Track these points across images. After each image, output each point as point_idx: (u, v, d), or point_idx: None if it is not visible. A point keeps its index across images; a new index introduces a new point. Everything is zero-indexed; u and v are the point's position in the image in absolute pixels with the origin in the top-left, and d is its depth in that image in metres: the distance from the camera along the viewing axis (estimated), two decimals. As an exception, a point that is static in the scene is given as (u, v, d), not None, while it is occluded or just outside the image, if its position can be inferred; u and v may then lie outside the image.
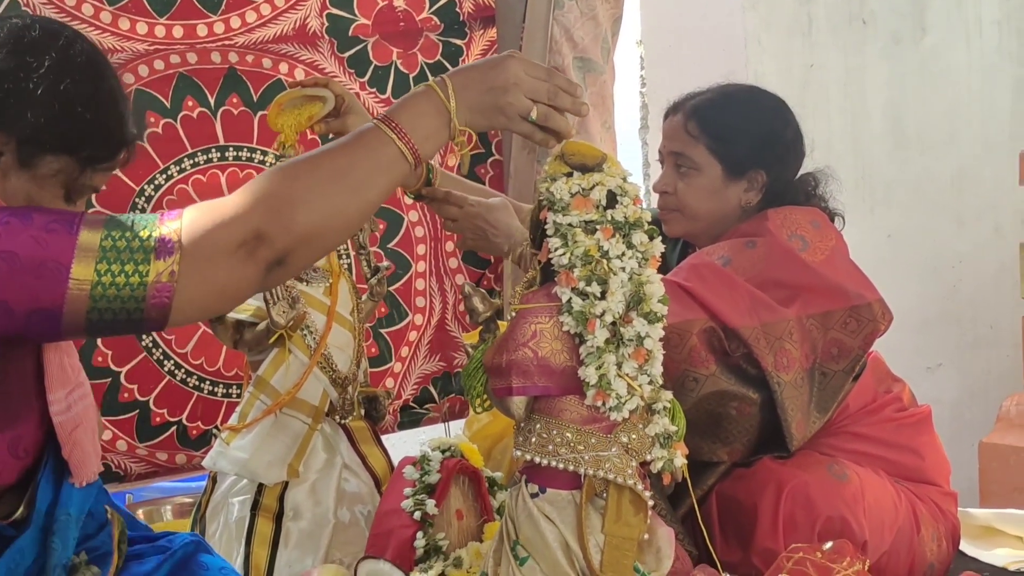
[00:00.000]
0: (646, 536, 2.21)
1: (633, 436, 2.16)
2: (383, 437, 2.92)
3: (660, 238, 2.22)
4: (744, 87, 3.08)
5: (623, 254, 2.16)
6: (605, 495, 2.16)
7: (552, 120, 1.98)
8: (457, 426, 3.36)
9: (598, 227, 2.15)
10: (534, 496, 2.18)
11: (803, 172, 2.98)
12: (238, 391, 3.21)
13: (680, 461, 2.20)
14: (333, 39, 3.41)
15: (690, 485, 2.35)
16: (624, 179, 2.21)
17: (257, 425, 2.65)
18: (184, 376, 3.22)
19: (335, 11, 3.40)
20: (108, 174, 1.86)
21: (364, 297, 2.88)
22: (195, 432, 3.26)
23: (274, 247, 1.72)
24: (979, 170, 5.10)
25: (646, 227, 2.20)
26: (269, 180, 1.75)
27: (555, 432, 2.15)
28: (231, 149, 3.28)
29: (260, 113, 3.27)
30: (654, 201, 3.05)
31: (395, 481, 2.62)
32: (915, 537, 2.78)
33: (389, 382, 3.53)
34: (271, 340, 2.64)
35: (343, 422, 2.77)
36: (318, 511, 2.67)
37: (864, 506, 2.68)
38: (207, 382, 3.26)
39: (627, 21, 3.93)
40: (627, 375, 2.14)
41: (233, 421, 2.70)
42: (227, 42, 3.26)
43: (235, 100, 3.28)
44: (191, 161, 3.22)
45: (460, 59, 3.62)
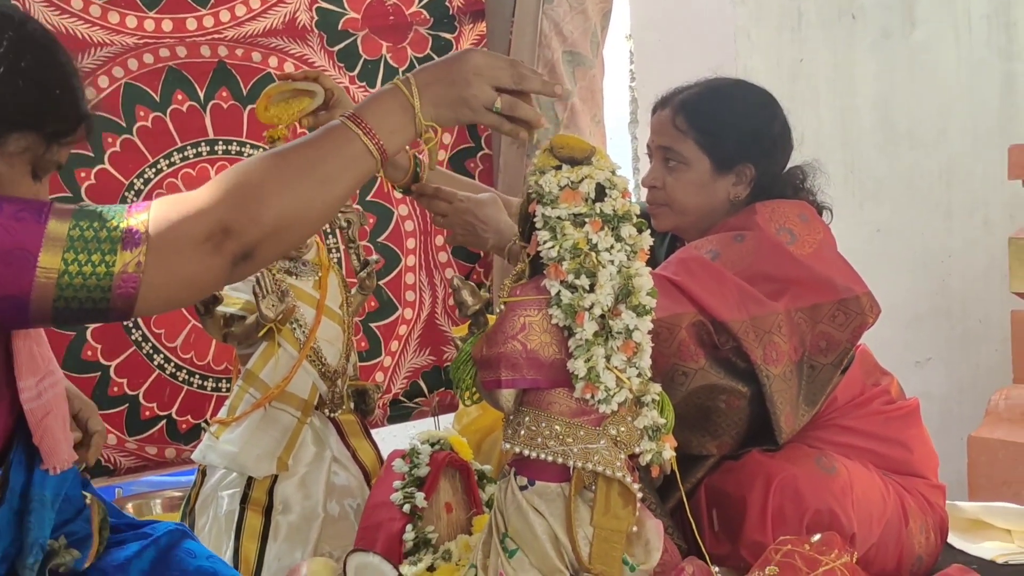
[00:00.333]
0: (635, 529, 2.22)
1: (622, 429, 2.17)
2: (372, 431, 2.92)
3: (649, 231, 2.23)
4: (732, 81, 3.08)
5: (612, 247, 2.17)
6: (594, 488, 2.17)
7: (518, 109, 2.00)
8: (447, 420, 3.37)
9: (587, 220, 2.16)
10: (523, 489, 2.18)
11: (791, 166, 2.99)
12: (227, 385, 3.21)
13: (669, 454, 2.20)
14: (323, 33, 3.41)
15: (679, 478, 2.36)
16: (613, 172, 2.21)
17: (246, 419, 2.66)
18: (174, 370, 3.22)
19: (325, 5, 3.40)
20: (70, 149, 1.87)
21: (354, 291, 2.88)
22: (185, 426, 3.26)
23: (241, 240, 1.74)
24: (968, 165, 5.10)
25: (635, 220, 2.20)
26: (236, 174, 1.77)
27: (544, 425, 2.15)
28: (220, 143, 3.28)
29: (250, 107, 3.27)
30: (643, 195, 3.05)
31: (384, 474, 2.62)
32: (903, 530, 2.79)
33: (379, 376, 3.53)
34: (260, 334, 2.64)
35: (332, 416, 2.77)
36: (307, 504, 2.68)
37: (852, 499, 2.68)
38: (197, 376, 3.26)
39: (616, 15, 3.93)
40: (616, 368, 2.14)
41: (222, 415, 2.70)
42: (216, 36, 3.26)
43: (225, 94, 3.27)
44: (180, 155, 3.22)
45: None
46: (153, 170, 3.17)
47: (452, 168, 3.62)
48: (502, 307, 2.20)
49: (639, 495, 2.20)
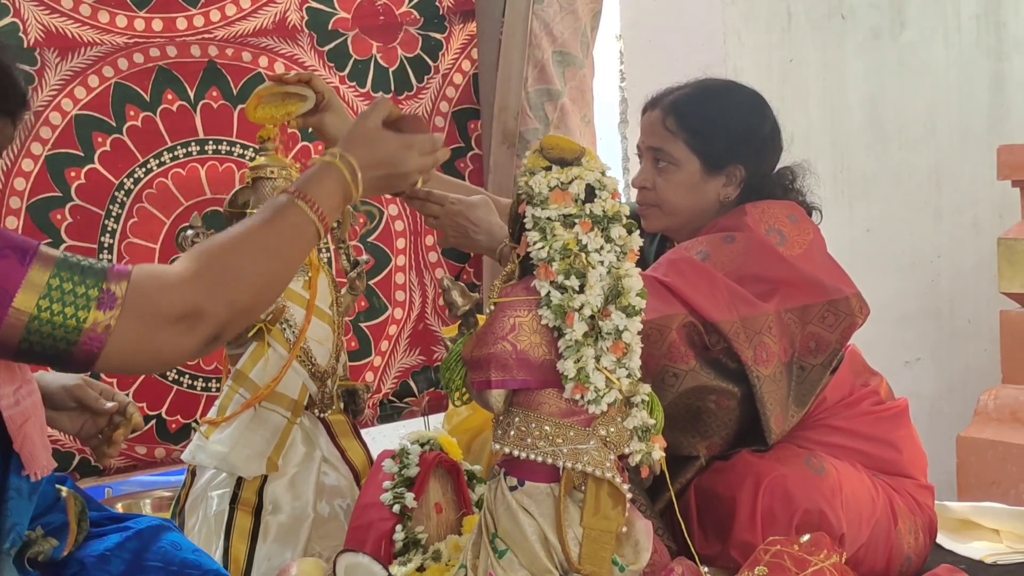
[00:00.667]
0: (624, 529, 2.22)
1: (611, 429, 2.17)
2: (362, 431, 2.92)
3: (638, 232, 2.23)
4: (722, 82, 3.09)
5: (602, 248, 2.17)
6: (584, 488, 2.17)
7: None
8: (437, 420, 3.37)
9: (577, 221, 2.16)
10: (513, 489, 2.18)
11: (781, 166, 2.99)
12: (217, 385, 3.21)
13: (658, 454, 2.21)
14: (313, 33, 3.41)
15: (668, 478, 2.37)
16: (603, 173, 2.22)
17: (236, 419, 2.65)
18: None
19: (315, 5, 3.40)
20: (20, 124, 1.91)
21: (344, 291, 2.88)
22: (174, 426, 3.26)
23: (214, 323, 1.81)
24: (957, 165, 5.11)
25: (624, 221, 2.21)
26: (212, 257, 1.84)
27: (533, 425, 2.16)
28: (211, 143, 3.27)
29: (240, 107, 3.26)
30: (633, 196, 3.05)
31: (374, 475, 2.62)
32: (892, 530, 2.79)
33: (369, 376, 3.53)
34: (250, 334, 2.63)
35: (322, 416, 2.77)
36: (297, 505, 2.67)
37: (842, 499, 2.69)
38: (186, 376, 3.26)
39: (607, 15, 3.93)
40: (605, 368, 2.15)
41: (212, 415, 2.70)
42: (207, 35, 3.26)
43: (215, 94, 3.27)
44: (170, 155, 3.22)
45: (440, 53, 3.62)
46: (143, 170, 3.17)
47: (442, 168, 3.61)
48: (492, 308, 2.20)
49: (629, 496, 2.20)
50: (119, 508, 3.14)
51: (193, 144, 3.25)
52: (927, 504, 2.92)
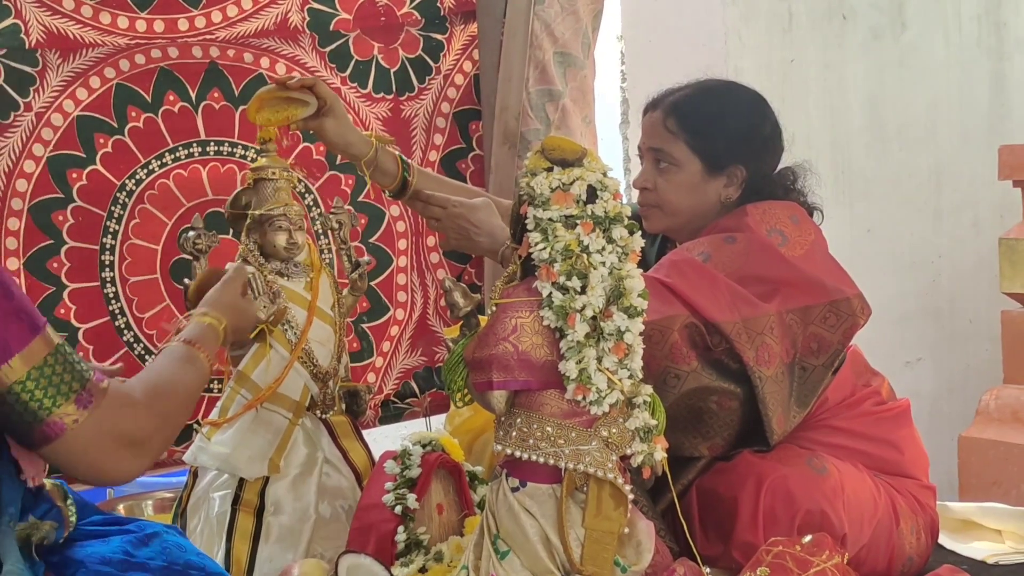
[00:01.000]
0: (626, 530, 2.22)
1: (613, 430, 2.17)
2: (364, 432, 2.92)
3: (640, 233, 2.23)
4: (723, 82, 3.09)
5: (603, 249, 2.17)
6: (585, 489, 2.17)
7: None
8: (438, 421, 3.37)
9: (578, 222, 2.17)
10: (514, 490, 2.19)
11: (782, 167, 2.99)
12: (219, 386, 3.20)
13: (660, 455, 2.21)
14: (314, 34, 3.41)
15: (670, 479, 2.36)
16: (604, 174, 2.22)
17: (238, 420, 2.65)
18: (165, 371, 3.22)
19: (316, 5, 3.40)
20: None
21: (345, 292, 2.88)
22: (176, 427, 3.25)
23: (152, 455, 1.96)
24: (958, 165, 5.11)
25: (626, 222, 2.21)
26: (161, 397, 2.01)
27: (535, 426, 2.16)
28: (212, 144, 3.27)
29: (241, 108, 3.26)
30: (634, 196, 3.05)
31: (376, 476, 2.62)
32: (894, 530, 2.79)
33: (370, 377, 3.53)
34: (252, 335, 2.63)
35: (324, 417, 2.77)
36: (299, 506, 2.67)
37: (843, 500, 2.69)
38: (188, 377, 3.26)
39: (608, 16, 3.93)
40: (607, 369, 2.15)
41: (214, 416, 2.70)
42: (208, 36, 3.26)
43: (216, 95, 3.27)
44: (172, 156, 3.22)
45: (441, 54, 3.62)
46: (145, 171, 3.17)
47: (443, 169, 3.62)
48: (494, 309, 2.20)
49: (630, 496, 2.20)
50: (120, 509, 3.15)
51: (195, 145, 3.25)
52: (929, 504, 2.92)
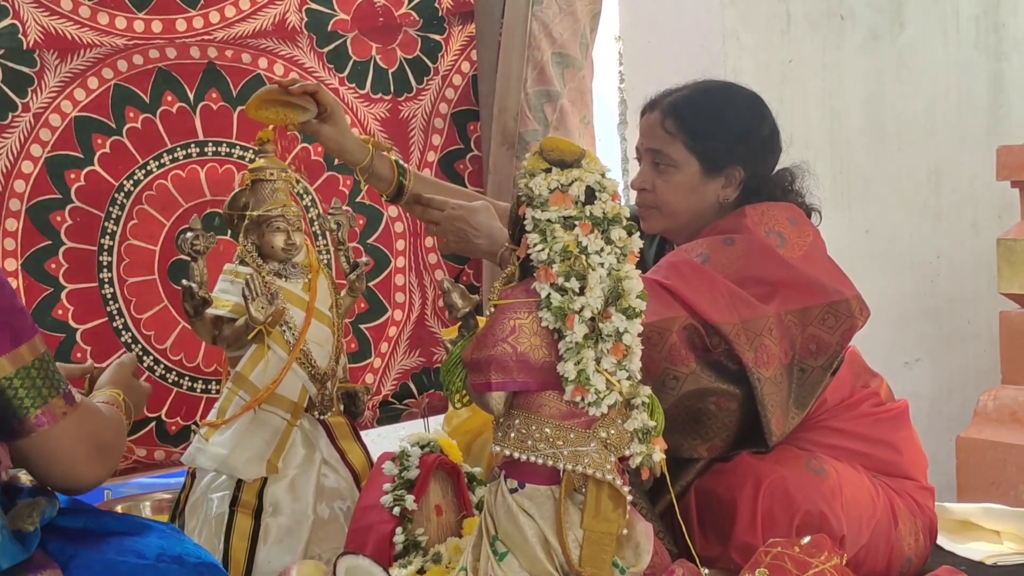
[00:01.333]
0: (625, 531, 2.22)
1: (612, 431, 2.17)
2: (362, 433, 2.91)
3: (638, 234, 2.23)
4: (721, 83, 3.09)
5: (602, 250, 2.17)
6: (584, 490, 2.17)
7: None
8: (436, 422, 3.36)
9: (577, 223, 2.16)
10: (513, 491, 2.18)
11: (780, 167, 2.99)
12: (217, 387, 3.21)
13: (659, 456, 2.21)
14: (312, 34, 3.40)
15: (669, 481, 2.36)
16: (603, 175, 2.22)
17: (236, 421, 2.65)
18: (163, 372, 3.22)
19: (314, 6, 3.40)
20: None
21: (343, 293, 2.88)
22: (174, 428, 3.25)
23: (109, 469, 2.06)
24: (956, 165, 5.12)
25: (624, 223, 2.20)
26: (119, 420, 2.22)
27: (534, 427, 2.16)
28: (210, 144, 3.27)
29: (240, 108, 3.26)
30: (632, 197, 3.05)
31: (374, 477, 2.62)
32: (893, 531, 2.79)
33: (368, 378, 3.53)
34: (250, 336, 2.63)
35: (322, 418, 2.77)
36: (297, 507, 2.67)
37: (842, 501, 2.69)
38: (186, 378, 3.26)
39: (606, 17, 3.93)
40: (606, 371, 2.15)
41: (212, 417, 2.70)
42: (206, 37, 3.25)
43: (214, 95, 3.27)
44: (170, 156, 3.21)
45: (439, 54, 3.62)
46: (143, 171, 3.17)
47: (441, 170, 3.62)
48: (492, 310, 2.20)
49: (629, 498, 2.20)
50: (118, 510, 3.14)
51: (193, 146, 3.25)
52: (927, 505, 2.92)
